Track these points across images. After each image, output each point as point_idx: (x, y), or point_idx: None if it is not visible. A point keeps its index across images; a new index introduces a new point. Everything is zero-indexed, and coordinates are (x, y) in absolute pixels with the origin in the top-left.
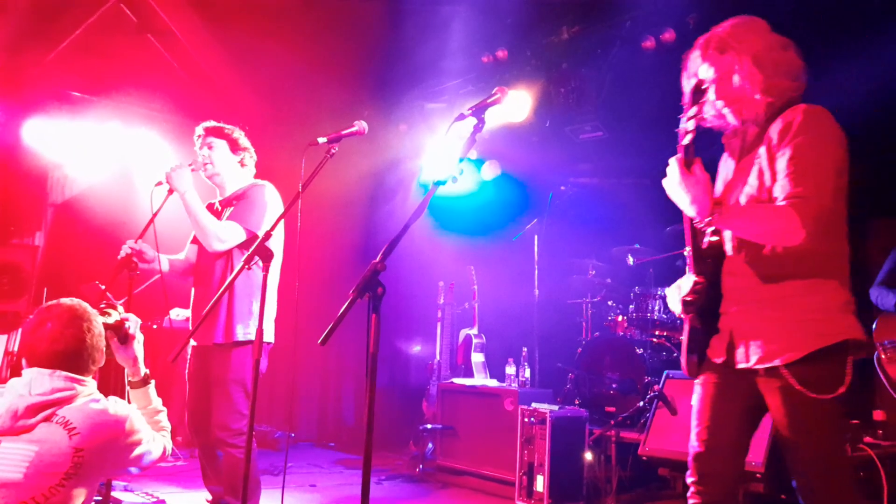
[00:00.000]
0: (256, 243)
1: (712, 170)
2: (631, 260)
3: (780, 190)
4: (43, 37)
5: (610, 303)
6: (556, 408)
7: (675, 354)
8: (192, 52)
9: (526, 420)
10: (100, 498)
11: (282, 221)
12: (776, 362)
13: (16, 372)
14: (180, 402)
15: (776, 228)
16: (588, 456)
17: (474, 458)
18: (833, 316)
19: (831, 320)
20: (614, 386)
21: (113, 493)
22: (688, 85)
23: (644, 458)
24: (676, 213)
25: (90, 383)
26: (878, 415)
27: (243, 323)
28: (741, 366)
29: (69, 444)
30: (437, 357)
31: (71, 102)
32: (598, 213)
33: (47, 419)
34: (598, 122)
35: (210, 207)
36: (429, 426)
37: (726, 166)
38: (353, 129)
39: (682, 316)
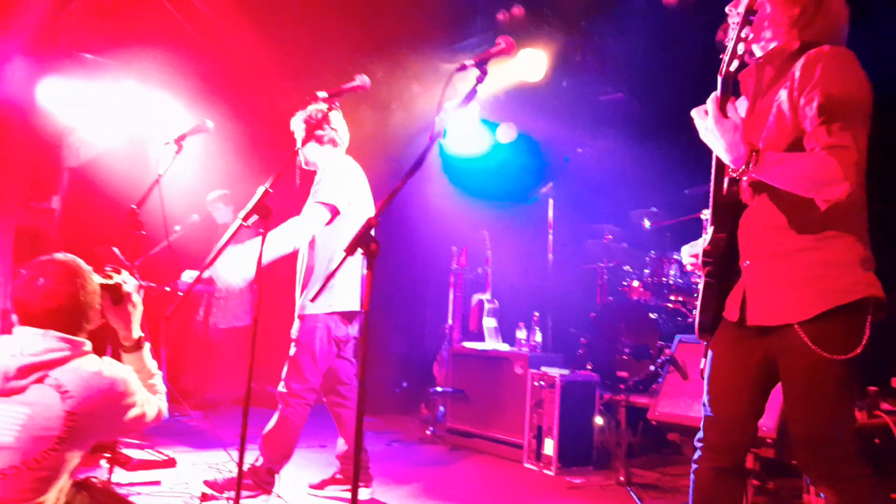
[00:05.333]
0: (254, 200)
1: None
2: (647, 223)
3: (814, 139)
4: None
5: (626, 267)
6: (566, 372)
7: (690, 320)
8: (206, 14)
9: (535, 384)
10: (109, 455)
11: (368, 193)
12: (790, 320)
13: None
14: (192, 364)
15: (819, 178)
16: (598, 420)
17: (484, 421)
18: (851, 272)
19: (849, 276)
20: (627, 351)
21: (123, 451)
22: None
23: (654, 422)
24: (695, 175)
25: (84, 344)
26: None
27: (313, 296)
28: (754, 324)
29: (62, 407)
30: (450, 321)
31: (85, 65)
32: (615, 176)
33: (39, 381)
34: (618, 84)
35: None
36: (439, 389)
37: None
38: (354, 84)
39: (699, 272)
